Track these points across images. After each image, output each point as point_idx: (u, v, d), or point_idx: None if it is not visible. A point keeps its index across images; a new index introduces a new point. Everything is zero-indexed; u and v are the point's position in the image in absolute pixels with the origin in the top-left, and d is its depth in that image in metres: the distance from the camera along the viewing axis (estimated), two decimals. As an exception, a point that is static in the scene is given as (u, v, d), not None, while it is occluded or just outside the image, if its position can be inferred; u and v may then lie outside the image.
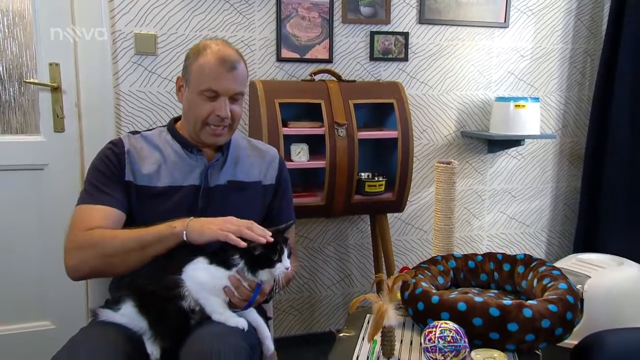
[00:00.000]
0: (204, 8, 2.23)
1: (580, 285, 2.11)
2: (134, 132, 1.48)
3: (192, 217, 1.28)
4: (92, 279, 1.45)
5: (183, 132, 1.46)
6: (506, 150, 2.73)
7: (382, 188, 2.19)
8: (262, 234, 1.21)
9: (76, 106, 2.13)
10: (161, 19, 2.20)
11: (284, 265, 1.21)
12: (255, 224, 1.25)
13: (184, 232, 1.25)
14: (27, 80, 2.11)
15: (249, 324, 1.24)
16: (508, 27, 2.64)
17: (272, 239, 1.21)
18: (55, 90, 2.10)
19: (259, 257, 1.20)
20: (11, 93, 2.12)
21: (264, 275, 1.22)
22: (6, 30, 2.08)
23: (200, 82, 1.36)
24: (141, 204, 1.38)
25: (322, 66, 2.31)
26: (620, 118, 2.58)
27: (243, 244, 1.19)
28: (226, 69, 1.36)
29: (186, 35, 2.23)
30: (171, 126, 1.49)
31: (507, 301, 1.41)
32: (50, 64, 2.08)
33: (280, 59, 2.34)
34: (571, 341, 1.51)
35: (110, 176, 1.37)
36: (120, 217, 1.35)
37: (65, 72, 2.10)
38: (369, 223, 2.53)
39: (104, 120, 2.16)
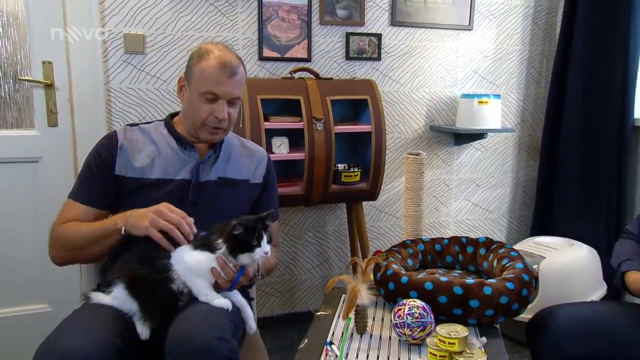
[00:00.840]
0: (190, 9, 2.20)
1: (536, 265, 2.16)
2: (132, 125, 1.46)
3: (133, 210, 1.26)
4: (84, 264, 1.46)
5: (180, 128, 1.44)
6: (471, 143, 2.76)
7: (358, 178, 2.19)
8: (187, 234, 1.22)
9: (69, 102, 2.09)
10: (149, 20, 2.16)
11: (263, 249, 1.21)
12: (187, 218, 1.24)
13: (123, 227, 1.25)
14: (21, 78, 2.06)
15: (233, 305, 1.24)
16: (472, 29, 2.66)
17: (192, 238, 1.22)
18: (49, 87, 2.06)
19: (240, 242, 1.20)
20: (6, 90, 2.07)
21: (244, 259, 1.22)
22: (0, 30, 2.02)
23: (202, 84, 1.34)
24: (132, 195, 1.36)
25: (301, 65, 2.30)
26: (573, 114, 2.62)
27: (172, 250, 1.21)
28: (227, 75, 1.34)
29: (173, 35, 2.20)
30: (168, 121, 1.46)
31: (469, 280, 1.43)
32: (44, 62, 2.03)
33: (262, 58, 2.33)
34: (527, 315, 1.55)
35: (97, 173, 1.36)
36: (97, 214, 1.36)
37: (58, 70, 2.05)
38: (345, 211, 2.54)
39: (95, 115, 2.12)
